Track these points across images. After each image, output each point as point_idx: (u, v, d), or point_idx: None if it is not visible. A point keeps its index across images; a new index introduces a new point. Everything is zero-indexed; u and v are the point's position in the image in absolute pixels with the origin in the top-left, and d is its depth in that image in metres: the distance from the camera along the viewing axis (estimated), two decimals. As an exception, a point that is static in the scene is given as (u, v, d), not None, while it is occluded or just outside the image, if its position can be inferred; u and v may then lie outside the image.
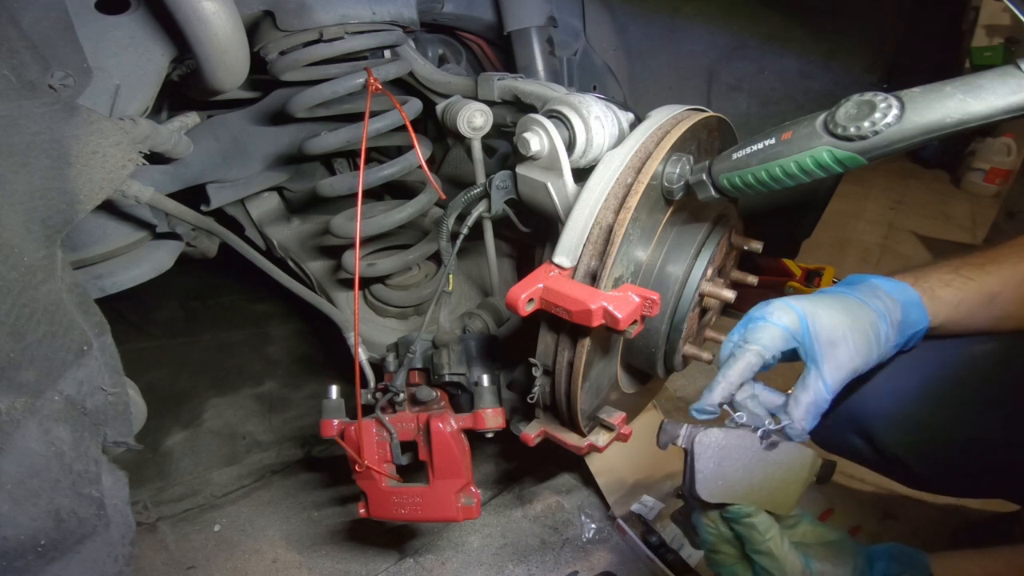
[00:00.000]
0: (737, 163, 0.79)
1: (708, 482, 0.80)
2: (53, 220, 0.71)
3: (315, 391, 1.99)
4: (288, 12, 1.10)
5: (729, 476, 0.80)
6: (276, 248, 1.57)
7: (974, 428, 0.95)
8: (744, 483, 0.80)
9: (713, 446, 0.81)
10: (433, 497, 1.10)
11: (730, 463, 0.80)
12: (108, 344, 0.75)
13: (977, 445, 0.95)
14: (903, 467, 1.02)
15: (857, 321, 0.83)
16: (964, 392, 0.96)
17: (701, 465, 0.81)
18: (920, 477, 1.03)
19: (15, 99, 0.69)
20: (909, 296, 0.88)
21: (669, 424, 0.86)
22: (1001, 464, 0.95)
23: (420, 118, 1.22)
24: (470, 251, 1.50)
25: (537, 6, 1.39)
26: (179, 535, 1.52)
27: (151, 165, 1.13)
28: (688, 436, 0.83)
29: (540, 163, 0.99)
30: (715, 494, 0.80)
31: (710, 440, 0.81)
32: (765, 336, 0.82)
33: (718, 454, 0.81)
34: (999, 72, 0.62)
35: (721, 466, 0.80)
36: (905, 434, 0.99)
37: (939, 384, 0.96)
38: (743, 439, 0.81)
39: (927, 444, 0.98)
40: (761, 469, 0.80)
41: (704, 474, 0.80)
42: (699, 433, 0.82)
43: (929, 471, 1.01)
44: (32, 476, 0.65)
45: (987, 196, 3.29)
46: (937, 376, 0.95)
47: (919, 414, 0.97)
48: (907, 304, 0.87)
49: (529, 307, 0.85)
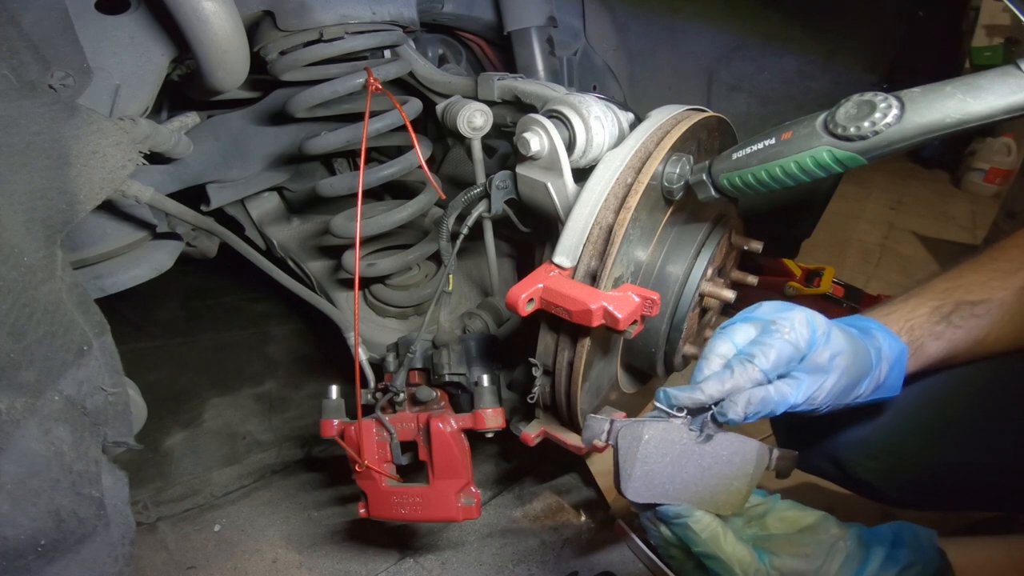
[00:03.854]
0: (737, 163, 0.79)
1: (633, 481, 0.73)
2: (53, 220, 0.71)
3: (315, 391, 1.99)
4: (288, 12, 1.10)
5: (656, 473, 0.72)
6: (276, 248, 1.57)
7: (944, 452, 0.93)
8: (675, 480, 0.72)
9: (637, 440, 0.73)
10: (433, 497, 1.10)
11: (657, 459, 0.72)
12: (108, 344, 0.75)
13: (947, 468, 0.93)
14: (873, 489, 1.00)
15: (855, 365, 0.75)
16: (934, 418, 0.94)
17: (624, 463, 0.73)
18: (890, 498, 1.01)
19: (15, 99, 0.69)
20: (899, 358, 0.81)
21: (592, 419, 0.77)
22: (973, 484, 0.93)
23: (420, 118, 1.22)
24: (470, 251, 1.50)
25: (537, 6, 1.39)
26: (179, 535, 1.52)
27: (151, 165, 1.13)
28: (613, 431, 0.75)
29: (540, 163, 0.99)
30: (642, 493, 0.73)
31: (633, 434, 0.73)
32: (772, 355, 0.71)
33: (643, 448, 0.72)
34: (999, 72, 0.62)
35: (647, 462, 0.72)
36: (873, 460, 0.97)
37: (907, 411, 0.93)
38: (671, 432, 0.73)
39: (896, 469, 0.95)
40: (695, 464, 0.72)
41: (628, 472, 0.73)
42: (622, 427, 0.74)
43: (899, 493, 0.99)
44: (32, 476, 0.65)
45: (987, 196, 3.29)
46: (905, 403, 0.90)
47: (887, 442, 0.95)
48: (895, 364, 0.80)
49: (529, 307, 0.85)
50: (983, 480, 0.92)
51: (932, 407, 0.94)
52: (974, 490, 0.96)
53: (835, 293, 2.16)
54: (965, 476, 0.93)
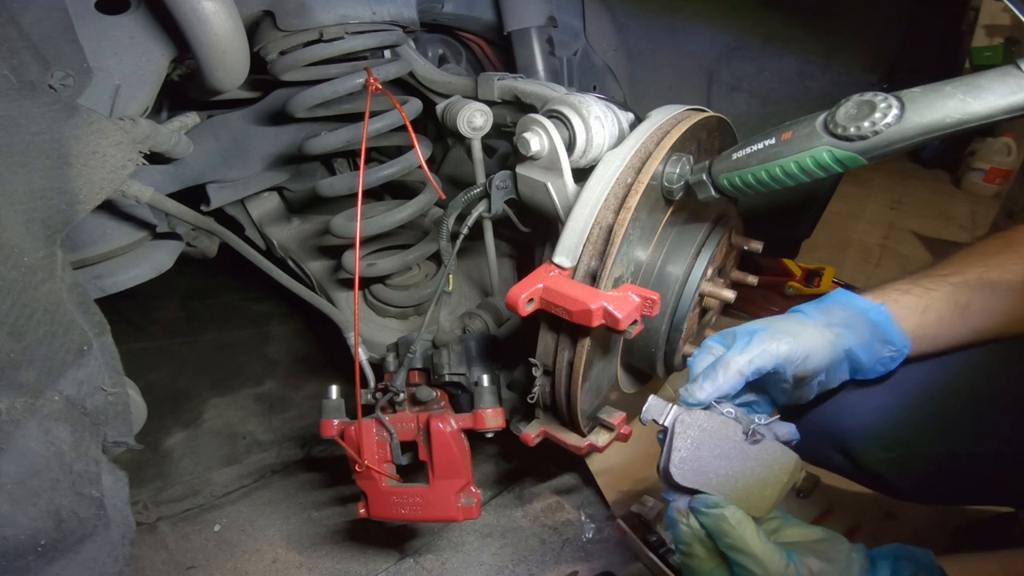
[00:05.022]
0: (737, 163, 0.79)
1: (682, 463, 0.77)
2: (53, 220, 0.71)
3: (315, 391, 1.99)
4: (288, 12, 1.10)
5: (705, 460, 0.77)
6: (276, 248, 1.57)
7: (955, 443, 0.94)
8: (719, 472, 0.77)
9: (695, 427, 0.78)
10: (433, 497, 1.10)
11: (708, 448, 0.77)
12: (108, 344, 0.75)
13: (958, 459, 0.94)
14: (884, 481, 1.00)
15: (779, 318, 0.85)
16: (944, 408, 0.94)
17: (679, 444, 0.78)
18: (901, 490, 1.01)
19: (15, 99, 0.69)
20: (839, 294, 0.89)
21: (655, 400, 0.83)
22: (985, 475, 0.94)
23: (420, 118, 1.22)
24: (470, 251, 1.50)
25: (537, 6, 1.39)
26: (179, 535, 1.52)
27: (151, 165, 1.13)
28: (672, 415, 0.81)
29: (540, 163, 0.99)
30: (687, 476, 0.77)
31: (692, 420, 0.78)
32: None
33: (698, 436, 0.78)
34: (999, 72, 0.62)
35: (699, 449, 0.77)
36: (884, 451, 0.97)
37: (918, 401, 0.94)
38: (727, 427, 0.78)
39: (907, 460, 0.96)
40: (740, 461, 0.77)
41: (680, 454, 0.77)
42: (683, 412, 0.80)
43: (909, 484, 0.99)
44: (32, 476, 0.65)
45: (987, 196, 3.28)
46: (916, 393, 0.93)
47: (898, 431, 0.96)
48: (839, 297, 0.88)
49: (529, 307, 0.85)
50: (992, 472, 0.93)
51: (941, 396, 0.94)
52: (984, 482, 0.96)
53: (835, 293, 2.16)
54: (974, 468, 0.94)
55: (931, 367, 0.93)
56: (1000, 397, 0.91)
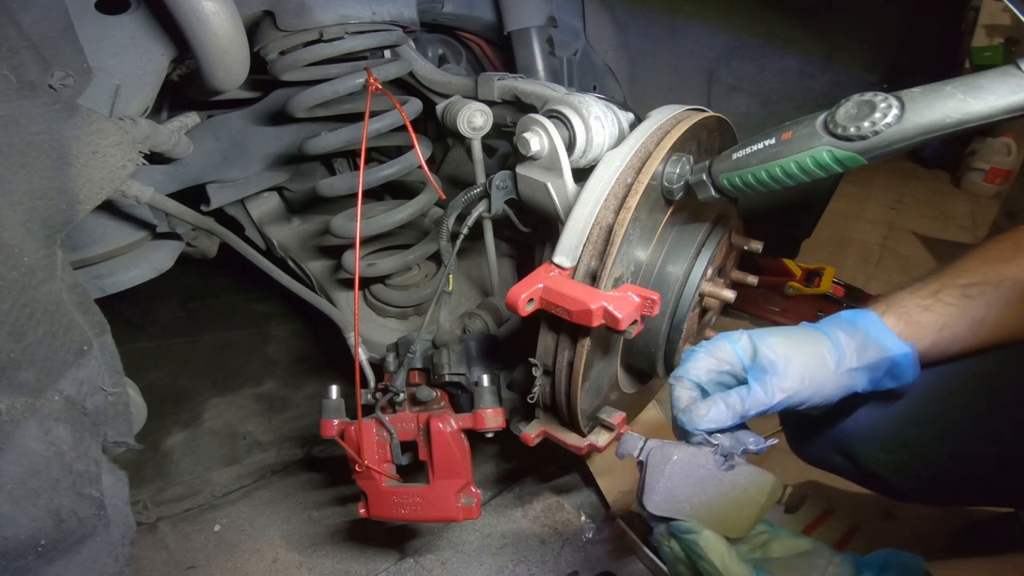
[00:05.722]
0: (737, 163, 0.79)
1: (655, 494, 0.80)
2: (53, 220, 0.71)
3: (315, 391, 1.99)
4: (288, 12, 1.10)
5: (678, 490, 0.80)
6: (276, 248, 1.57)
7: (956, 444, 0.94)
8: (693, 499, 0.79)
9: (667, 460, 0.81)
10: (433, 497, 1.10)
11: (681, 478, 0.80)
12: (108, 344, 0.75)
13: (959, 460, 0.94)
14: (884, 482, 1.01)
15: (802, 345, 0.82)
16: (945, 410, 0.94)
17: (651, 477, 0.81)
18: (902, 491, 1.01)
19: (15, 99, 0.69)
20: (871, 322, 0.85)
21: (628, 436, 0.87)
22: (985, 476, 0.94)
23: (420, 118, 1.22)
24: (470, 251, 1.50)
25: (537, 6, 1.39)
26: (179, 535, 1.52)
27: (151, 165, 1.14)
28: (646, 449, 0.84)
29: (540, 163, 0.99)
30: (660, 506, 0.80)
31: (665, 454, 0.81)
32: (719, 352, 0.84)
33: (671, 467, 0.80)
34: (999, 72, 0.62)
35: (671, 480, 0.80)
36: (885, 453, 0.97)
37: (919, 403, 0.94)
38: (699, 456, 0.80)
39: (908, 461, 0.96)
40: (715, 487, 0.79)
41: (652, 486, 0.81)
42: (656, 446, 0.83)
43: (910, 486, 0.99)
44: (32, 476, 0.65)
45: (987, 196, 3.28)
46: (917, 395, 0.92)
47: (899, 433, 0.96)
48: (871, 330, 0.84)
49: (529, 307, 0.85)
50: (993, 474, 0.93)
51: (941, 399, 0.94)
52: (984, 483, 0.96)
53: (835, 293, 2.15)
54: (975, 469, 0.94)
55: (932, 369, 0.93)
56: (1001, 399, 0.91)
